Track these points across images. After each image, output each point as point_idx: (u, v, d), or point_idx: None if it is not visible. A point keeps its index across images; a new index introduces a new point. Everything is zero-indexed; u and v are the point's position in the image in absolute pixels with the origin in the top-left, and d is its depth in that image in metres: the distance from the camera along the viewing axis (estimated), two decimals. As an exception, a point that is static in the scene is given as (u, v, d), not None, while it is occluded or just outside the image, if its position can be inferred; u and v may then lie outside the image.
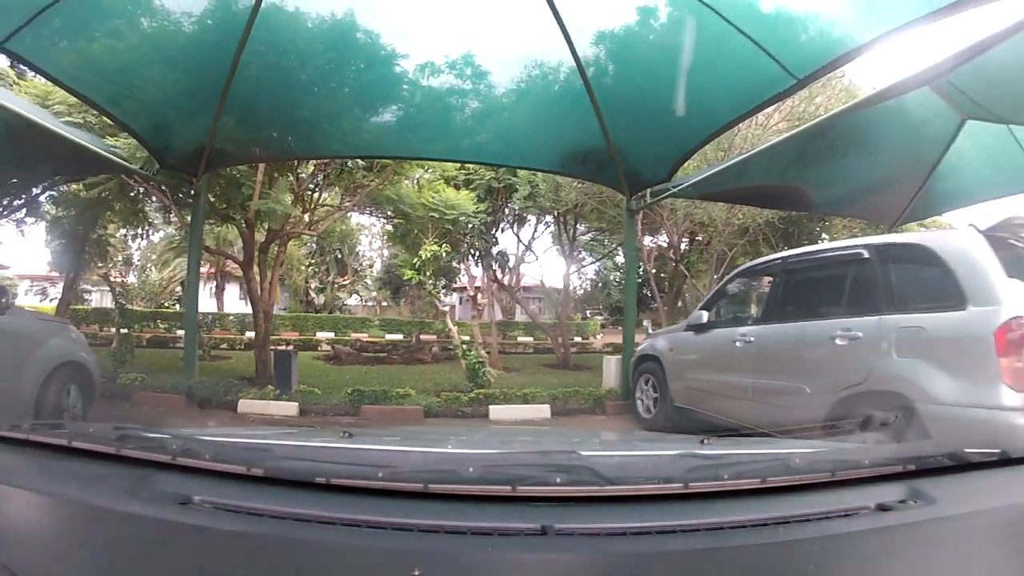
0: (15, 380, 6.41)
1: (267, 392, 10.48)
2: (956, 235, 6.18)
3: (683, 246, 19.73)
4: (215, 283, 26.86)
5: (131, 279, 30.03)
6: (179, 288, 29.00)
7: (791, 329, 7.13)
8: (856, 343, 6.09)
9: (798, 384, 6.61)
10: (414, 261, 13.31)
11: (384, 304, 35.83)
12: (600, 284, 22.16)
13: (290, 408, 9.92)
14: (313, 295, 32.45)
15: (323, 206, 15.45)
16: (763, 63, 7.62)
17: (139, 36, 7.87)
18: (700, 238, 19.49)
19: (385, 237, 24.34)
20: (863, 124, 9.00)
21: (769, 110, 13.15)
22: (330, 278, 32.03)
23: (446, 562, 1.40)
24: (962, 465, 2.01)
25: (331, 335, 24.25)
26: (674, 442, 3.08)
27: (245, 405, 9.81)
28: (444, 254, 13.65)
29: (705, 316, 8.72)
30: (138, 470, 1.82)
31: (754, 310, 8.57)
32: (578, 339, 24.22)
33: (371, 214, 19.72)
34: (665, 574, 1.44)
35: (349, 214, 19.16)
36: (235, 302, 31.20)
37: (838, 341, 6.26)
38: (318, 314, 29.65)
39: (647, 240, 19.59)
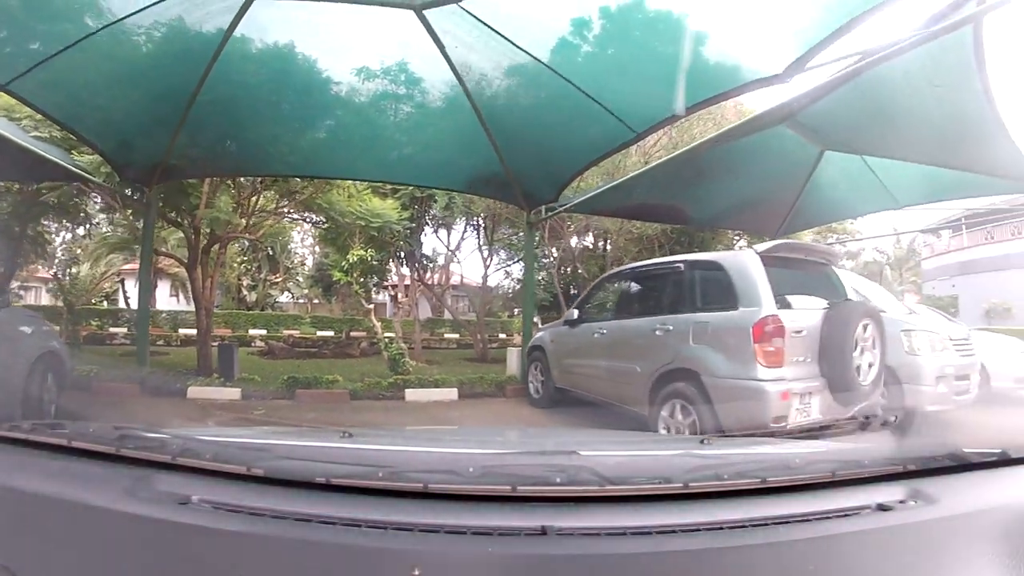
0: (9, 372, 6.42)
1: (213, 380, 10.74)
2: (739, 254, 7.38)
3: (584, 251, 20.85)
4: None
5: (61, 275, 28.12)
6: (108, 285, 27.80)
7: (629, 324, 8.23)
8: (668, 334, 7.27)
9: (632, 365, 7.68)
10: (343, 264, 13.72)
11: (315, 301, 34.84)
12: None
13: (234, 393, 10.09)
14: (245, 292, 30.96)
15: (261, 212, 15.33)
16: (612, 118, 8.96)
17: (104, 64, 7.97)
18: (600, 244, 20.49)
19: (318, 238, 23.82)
20: (730, 153, 9.81)
21: (657, 135, 14.05)
22: (262, 276, 30.59)
23: (446, 562, 1.32)
24: (962, 465, 1.92)
25: (263, 332, 23.67)
26: (674, 442, 3.09)
27: (194, 392, 9.94)
28: (370, 257, 13.89)
29: (576, 313, 9.71)
30: (138, 470, 1.70)
31: (609, 309, 9.21)
32: (502, 335, 24.19)
33: (305, 220, 19.86)
34: (665, 574, 1.36)
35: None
36: (166, 300, 30.43)
37: (657, 332, 7.44)
38: (250, 311, 28.72)
39: (557, 246, 20.35)
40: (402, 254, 17.78)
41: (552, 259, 21.08)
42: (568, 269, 20.96)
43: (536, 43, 7.74)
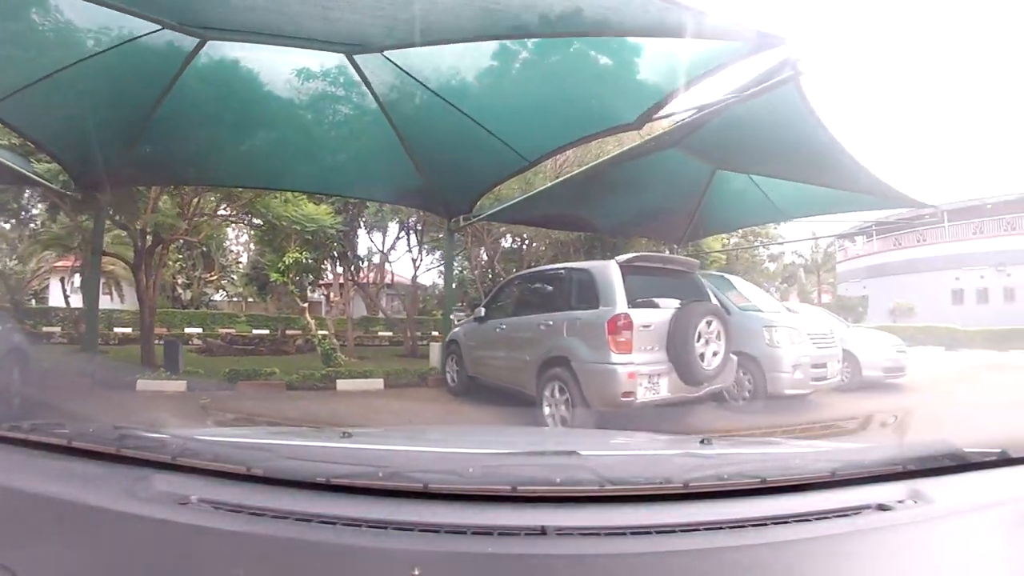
0: None
1: (160, 374, 10.83)
2: (604, 264, 7.91)
3: (509, 253, 21.29)
4: (79, 278, 23.29)
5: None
6: (37, 283, 26.45)
7: (522, 320, 8.97)
8: (549, 328, 8.07)
9: (524, 355, 8.40)
10: (279, 265, 13.64)
11: (250, 300, 33.19)
12: (457, 283, 22.20)
13: (180, 385, 10.12)
14: (180, 291, 29.48)
15: (203, 215, 15.37)
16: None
17: (70, 89, 8.05)
18: (522, 247, 20.84)
19: (254, 239, 23.16)
20: (632, 170, 10.82)
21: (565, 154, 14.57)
22: (197, 274, 29.29)
23: (446, 562, 1.27)
24: (962, 465, 1.84)
25: (199, 330, 22.83)
26: (674, 442, 2.92)
27: (143, 384, 9.98)
28: (305, 259, 13.86)
29: (483, 312, 10.24)
30: (137, 470, 1.62)
31: (508, 308, 9.78)
32: (435, 332, 24.18)
33: (244, 223, 19.82)
34: (665, 573, 1.32)
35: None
36: (99, 298, 28.67)
37: (542, 327, 8.25)
38: (186, 310, 27.59)
39: (486, 248, 20.61)
40: (336, 255, 17.56)
41: (483, 259, 21.28)
42: (500, 268, 21.08)
43: (445, 86, 8.48)
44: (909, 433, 3.32)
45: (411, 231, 20.22)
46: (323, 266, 17.50)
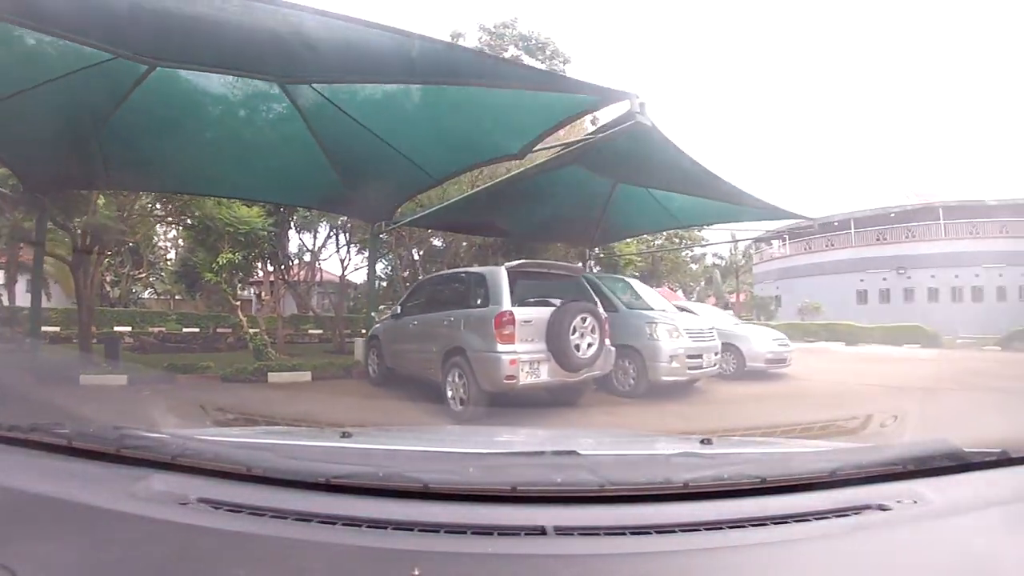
0: None
1: (102, 369, 11.06)
2: (494, 269, 8.85)
3: (434, 254, 21.28)
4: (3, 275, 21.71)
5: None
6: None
7: (430, 316, 9.64)
8: (451, 323, 8.82)
9: (430, 347, 9.07)
10: (213, 265, 13.59)
11: (178, 298, 31.65)
12: (388, 281, 21.94)
13: (121, 379, 10.30)
14: (108, 288, 27.28)
15: (140, 215, 15.58)
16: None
17: (26, 103, 8.31)
18: (447, 249, 20.79)
19: (187, 238, 22.36)
20: (538, 184, 11.63)
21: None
22: (125, 271, 27.27)
23: (446, 561, 1.26)
24: (962, 465, 1.80)
25: (128, 328, 21.63)
26: (674, 441, 2.86)
27: (86, 379, 10.12)
28: (238, 259, 13.85)
29: (400, 309, 10.90)
30: (137, 470, 1.60)
31: (421, 306, 10.49)
32: (364, 330, 23.85)
33: (179, 224, 19.36)
34: (664, 572, 1.30)
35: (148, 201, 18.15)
36: (24, 296, 27.42)
37: (444, 323, 8.98)
38: (114, 308, 25.85)
39: (416, 249, 20.89)
40: (267, 254, 17.22)
41: (414, 259, 21.31)
42: (428, 267, 21.03)
43: (364, 114, 9.21)
44: (909, 433, 3.36)
45: (340, 231, 20.25)
46: (255, 265, 17.30)
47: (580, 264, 15.13)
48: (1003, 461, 1.82)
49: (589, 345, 8.36)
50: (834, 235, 37.08)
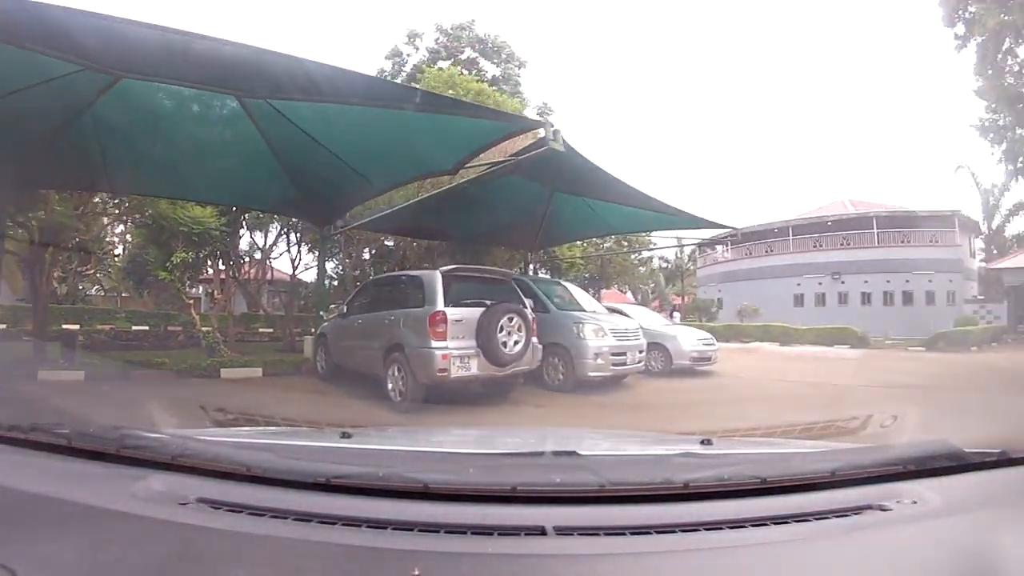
0: None
1: (59, 365, 11.37)
2: (430, 272, 9.45)
3: (385, 255, 21.02)
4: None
5: None
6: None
7: (374, 316, 10.14)
8: (392, 322, 9.40)
9: (373, 344, 9.57)
10: (167, 263, 13.58)
11: (125, 295, 30.34)
12: (340, 281, 21.72)
13: (79, 375, 10.56)
14: (56, 285, 26.76)
15: (95, 214, 15.86)
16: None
17: None
18: (396, 250, 20.68)
19: (139, 237, 21.69)
20: (480, 191, 12.04)
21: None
22: (73, 267, 25.96)
23: (446, 561, 1.25)
24: (962, 465, 1.78)
25: (77, 326, 20.59)
26: (674, 442, 2.83)
27: (43, 375, 10.32)
28: (191, 258, 13.98)
29: (346, 309, 11.34)
30: (137, 470, 1.58)
31: (365, 306, 10.95)
32: (314, 329, 23.57)
33: (133, 223, 19.24)
34: (664, 572, 1.30)
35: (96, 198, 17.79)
36: None
37: (386, 321, 9.52)
38: (62, 305, 24.42)
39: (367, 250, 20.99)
40: (218, 253, 16.99)
41: (364, 259, 21.37)
42: (377, 268, 20.94)
43: (316, 128, 9.65)
44: (909, 433, 3.36)
45: (292, 231, 20.28)
46: (206, 264, 17.07)
47: (514, 269, 16.68)
48: (1003, 461, 1.82)
49: (516, 343, 9.01)
50: (773, 241, 38.00)
